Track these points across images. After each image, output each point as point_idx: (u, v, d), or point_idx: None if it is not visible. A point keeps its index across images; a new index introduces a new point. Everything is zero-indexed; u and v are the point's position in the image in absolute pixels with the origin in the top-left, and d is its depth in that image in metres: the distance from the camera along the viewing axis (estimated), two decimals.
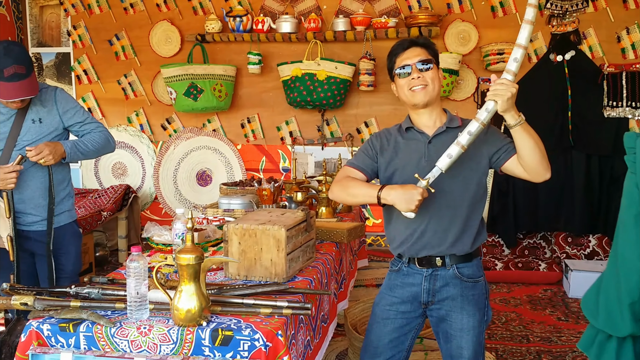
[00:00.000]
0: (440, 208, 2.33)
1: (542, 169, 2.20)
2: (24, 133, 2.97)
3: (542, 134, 5.60)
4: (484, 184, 2.40)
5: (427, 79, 2.32)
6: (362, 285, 4.82)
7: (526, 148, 2.17)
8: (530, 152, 2.17)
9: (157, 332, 1.86)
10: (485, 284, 2.46)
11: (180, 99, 5.62)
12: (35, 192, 3.04)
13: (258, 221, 2.40)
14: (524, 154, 2.19)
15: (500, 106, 2.10)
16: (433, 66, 2.35)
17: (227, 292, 2.13)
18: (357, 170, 2.46)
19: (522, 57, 2.16)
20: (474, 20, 5.54)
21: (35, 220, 3.07)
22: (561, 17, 5.26)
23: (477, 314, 2.38)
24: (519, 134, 2.15)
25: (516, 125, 2.13)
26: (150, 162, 6.23)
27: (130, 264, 1.89)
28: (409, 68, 2.33)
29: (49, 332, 1.92)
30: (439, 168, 2.21)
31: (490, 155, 2.33)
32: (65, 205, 3.18)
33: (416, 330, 2.49)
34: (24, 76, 2.82)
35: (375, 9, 5.67)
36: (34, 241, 3.08)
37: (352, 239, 3.22)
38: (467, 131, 2.17)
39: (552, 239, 5.54)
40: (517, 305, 4.71)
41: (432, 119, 2.39)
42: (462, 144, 2.18)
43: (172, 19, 5.98)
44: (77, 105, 3.13)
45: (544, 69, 5.35)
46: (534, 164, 2.19)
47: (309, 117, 5.91)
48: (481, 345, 2.42)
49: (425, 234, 2.35)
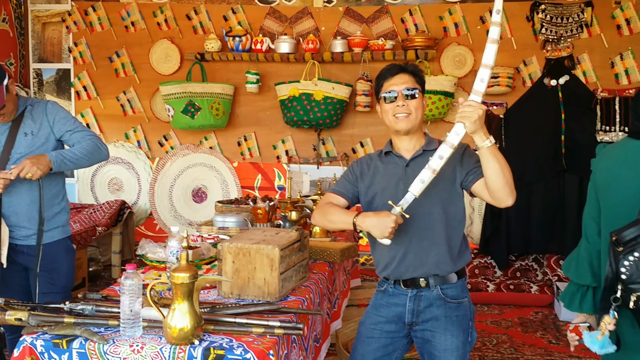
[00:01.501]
0: (420, 230, 2.38)
1: (505, 194, 2.21)
2: (17, 146, 2.98)
3: (535, 157, 5.65)
4: (462, 205, 2.44)
5: (411, 108, 2.39)
6: (354, 305, 4.83)
7: (491, 171, 2.19)
8: (494, 176, 2.19)
9: (149, 350, 1.87)
10: (470, 304, 2.48)
11: (177, 117, 5.67)
12: (29, 205, 3.03)
13: (252, 240, 2.43)
14: (488, 176, 2.21)
15: (469, 128, 2.14)
16: (418, 94, 2.42)
17: (220, 310, 2.16)
18: (338, 195, 2.54)
19: (488, 77, 2.17)
20: (470, 44, 5.61)
21: (29, 234, 3.06)
22: (556, 42, 5.34)
23: (461, 335, 2.40)
24: (485, 156, 2.18)
25: (483, 147, 2.16)
26: (146, 178, 6.26)
27: (125, 282, 1.91)
28: (395, 94, 2.40)
29: (42, 347, 1.93)
30: (412, 193, 2.25)
31: (462, 176, 2.38)
32: (59, 221, 3.16)
33: (400, 351, 2.51)
34: None
35: (373, 32, 5.74)
36: (27, 255, 3.06)
37: (345, 258, 3.25)
38: (437, 155, 2.21)
39: (544, 262, 5.57)
40: (508, 328, 4.73)
41: (412, 143, 2.47)
42: (434, 168, 2.22)
43: (172, 38, 6.05)
44: (67, 115, 3.12)
45: (539, 93, 5.41)
46: (497, 188, 2.21)
47: (305, 136, 5.96)
48: None
49: (406, 256, 2.40)
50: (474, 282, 5.33)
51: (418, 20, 5.68)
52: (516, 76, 5.54)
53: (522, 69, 5.56)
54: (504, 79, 5.42)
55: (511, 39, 5.53)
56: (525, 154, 5.39)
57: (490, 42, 2.16)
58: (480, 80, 2.17)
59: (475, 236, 5.70)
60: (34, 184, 3.01)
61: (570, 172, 5.33)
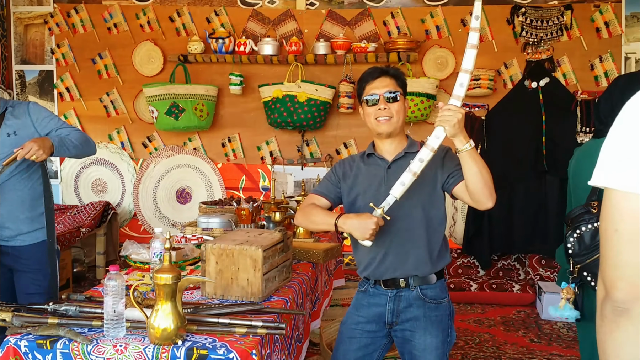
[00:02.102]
0: (400, 232, 2.41)
1: (484, 196, 2.25)
2: (0, 147, 2.98)
3: (517, 158, 5.70)
4: (443, 208, 2.48)
5: (393, 111, 2.43)
6: (338, 305, 4.86)
7: (470, 173, 2.23)
8: (473, 178, 2.23)
9: (133, 350, 1.89)
10: (450, 305, 2.52)
11: (161, 118, 5.67)
12: (13, 205, 3.02)
13: (235, 241, 2.45)
14: (468, 179, 2.25)
15: (448, 132, 2.17)
16: (400, 98, 2.45)
17: (203, 311, 2.18)
18: (321, 196, 2.57)
19: (468, 82, 2.20)
20: (451, 47, 5.67)
21: (12, 234, 3.05)
22: (536, 45, 5.41)
23: (440, 334, 2.44)
24: (465, 159, 2.22)
25: (463, 150, 2.20)
26: (130, 179, 6.26)
27: (108, 282, 1.93)
28: (376, 97, 2.44)
29: (26, 348, 1.94)
30: (393, 196, 2.29)
31: (444, 179, 2.41)
32: (43, 221, 3.15)
33: (381, 351, 2.54)
34: None
35: (356, 34, 5.78)
36: (12, 256, 3.06)
37: (328, 259, 3.28)
38: (418, 158, 2.25)
39: (526, 261, 5.63)
40: (490, 326, 4.78)
41: (394, 145, 2.50)
42: (414, 171, 2.26)
43: (155, 40, 6.05)
44: (50, 114, 3.13)
45: (519, 95, 5.47)
46: (477, 190, 2.25)
47: (289, 137, 5.99)
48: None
49: (387, 257, 2.43)
50: (457, 281, 5.39)
51: (400, 23, 5.73)
52: (497, 78, 5.60)
53: (503, 71, 5.63)
54: (485, 81, 5.48)
55: (492, 42, 5.59)
56: (506, 155, 5.45)
57: (469, 47, 2.19)
58: (460, 84, 2.20)
59: (458, 236, 5.76)
60: (20, 184, 3.01)
61: (551, 173, 5.39)
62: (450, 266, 5.63)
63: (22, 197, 3.04)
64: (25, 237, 3.07)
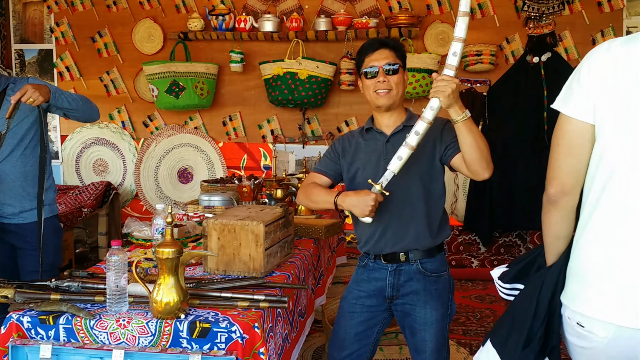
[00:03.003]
0: (399, 206, 2.41)
1: (481, 167, 2.24)
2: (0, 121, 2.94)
3: (518, 133, 5.66)
4: (442, 181, 2.47)
5: (392, 84, 2.41)
6: (340, 282, 4.88)
7: (467, 144, 2.21)
8: (470, 149, 2.21)
9: (135, 325, 1.90)
10: (450, 278, 2.52)
11: (162, 97, 5.65)
12: (15, 181, 3.00)
13: (237, 217, 2.45)
14: (464, 150, 2.24)
15: (443, 102, 2.15)
16: (399, 70, 2.43)
17: (206, 285, 2.19)
18: (321, 174, 2.57)
19: (461, 51, 2.15)
20: (453, 22, 5.57)
21: (14, 211, 3.04)
22: (538, 20, 5.36)
23: (440, 308, 2.44)
24: (461, 130, 2.20)
25: (459, 121, 2.18)
26: (131, 159, 6.25)
27: (111, 258, 1.93)
28: (376, 69, 2.42)
29: (29, 324, 1.95)
30: (391, 171, 2.28)
31: (442, 151, 2.40)
32: (46, 199, 3.11)
33: (382, 325, 2.55)
34: None
35: (357, 10, 5.74)
36: (15, 234, 3.06)
37: (330, 235, 3.28)
38: (414, 131, 2.23)
39: (527, 237, 5.64)
40: (492, 302, 4.80)
41: (392, 119, 2.49)
42: (411, 144, 2.24)
43: (154, 17, 6.00)
44: (51, 86, 3.06)
45: (521, 70, 5.43)
46: (473, 160, 2.23)
47: (290, 115, 5.96)
48: (445, 339, 2.49)
49: (386, 231, 2.43)
50: (458, 258, 5.40)
51: None
52: (499, 53, 5.56)
53: (505, 47, 5.59)
54: (486, 56, 5.44)
55: (494, 17, 5.55)
56: (508, 131, 5.43)
57: (461, 14, 2.14)
58: (453, 54, 2.16)
59: (460, 213, 5.76)
60: (21, 160, 2.98)
61: None
62: (451, 243, 5.63)
63: (24, 173, 3.02)
64: (28, 214, 3.06)
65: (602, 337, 1.55)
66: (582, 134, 1.61)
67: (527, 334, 1.72)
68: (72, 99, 3.03)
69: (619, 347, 1.54)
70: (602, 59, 1.58)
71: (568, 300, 1.67)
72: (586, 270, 1.62)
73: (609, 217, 1.58)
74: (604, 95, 1.55)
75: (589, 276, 1.60)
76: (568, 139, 1.64)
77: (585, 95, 1.59)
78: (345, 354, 2.53)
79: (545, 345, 1.71)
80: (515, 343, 1.74)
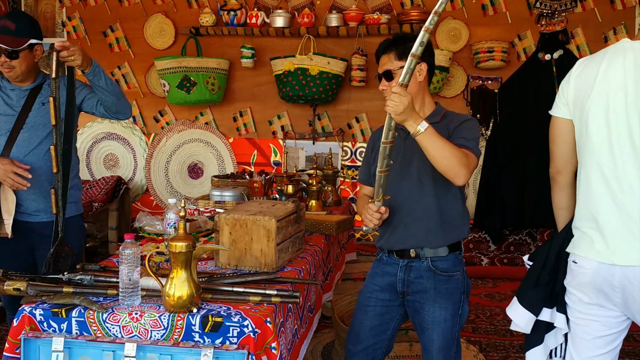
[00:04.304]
0: (411, 202, 2.41)
1: (450, 176, 2.23)
2: (32, 114, 2.90)
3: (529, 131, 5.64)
4: None
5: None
6: (350, 279, 4.88)
7: (430, 156, 2.21)
8: (434, 160, 2.21)
9: (148, 318, 1.90)
10: (464, 279, 2.49)
11: (173, 92, 5.66)
12: (41, 175, 2.84)
13: (249, 212, 2.45)
14: (432, 162, 2.23)
15: (396, 119, 2.14)
16: (395, 74, 2.41)
17: (218, 280, 2.19)
18: (364, 184, 2.68)
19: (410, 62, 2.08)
20: (465, 18, 5.60)
21: (39, 208, 2.89)
22: (550, 17, 5.33)
23: (450, 307, 2.42)
24: (421, 144, 2.19)
25: (416, 135, 2.17)
26: (142, 154, 6.26)
27: (124, 251, 1.94)
28: (379, 77, 2.46)
29: (41, 317, 1.95)
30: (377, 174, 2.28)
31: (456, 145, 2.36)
32: (72, 196, 2.92)
33: (397, 321, 2.55)
34: (11, 32, 2.80)
35: (368, 5, 5.72)
36: (36, 234, 2.89)
37: (340, 231, 3.28)
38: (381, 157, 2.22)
39: (538, 236, 5.61)
40: (501, 300, 4.79)
41: None
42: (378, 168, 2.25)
43: (166, 12, 6.01)
44: (83, 83, 3.03)
45: (533, 67, 5.41)
46: (442, 171, 2.23)
47: (301, 111, 5.96)
48: (454, 338, 2.46)
49: (397, 228, 2.45)
50: (468, 256, 5.38)
51: None
52: (511, 50, 5.54)
53: (517, 44, 5.56)
54: (498, 53, 5.41)
55: (506, 13, 5.52)
56: (519, 128, 5.41)
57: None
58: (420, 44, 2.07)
59: (470, 211, 5.73)
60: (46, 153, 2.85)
61: None
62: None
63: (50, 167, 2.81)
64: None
65: (587, 269, 2.04)
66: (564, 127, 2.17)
67: (536, 278, 2.21)
68: (111, 82, 2.90)
69: (599, 277, 2.01)
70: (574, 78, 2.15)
71: (570, 248, 2.14)
72: (579, 225, 2.10)
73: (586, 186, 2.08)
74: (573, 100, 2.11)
75: (580, 228, 2.09)
76: (555, 132, 2.21)
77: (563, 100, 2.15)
78: (361, 347, 2.55)
79: (552, 291, 2.20)
80: (527, 286, 2.25)
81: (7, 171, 2.73)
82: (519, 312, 2.26)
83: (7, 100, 2.94)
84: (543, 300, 2.22)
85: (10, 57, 2.85)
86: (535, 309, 2.22)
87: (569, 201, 2.21)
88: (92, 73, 2.82)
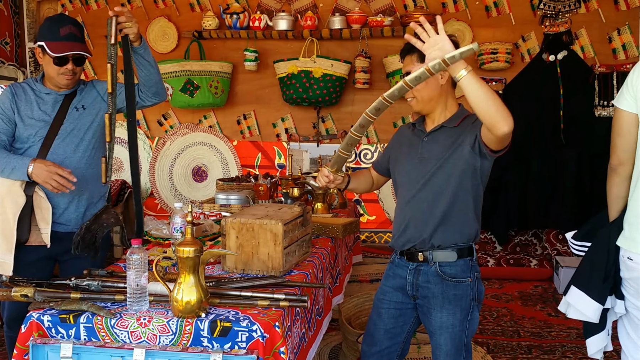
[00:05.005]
0: (421, 200, 2.43)
1: (497, 120, 2.10)
2: (67, 122, 2.87)
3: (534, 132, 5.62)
4: (468, 177, 2.39)
5: (414, 91, 2.39)
6: (356, 281, 4.87)
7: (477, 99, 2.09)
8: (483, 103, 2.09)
9: (156, 323, 1.90)
10: (475, 285, 2.45)
11: (176, 95, 5.66)
12: (80, 180, 2.76)
13: (255, 215, 2.45)
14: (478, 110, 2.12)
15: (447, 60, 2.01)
16: None
17: (225, 284, 2.18)
18: (374, 169, 2.82)
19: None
20: (469, 20, 5.59)
21: (70, 217, 2.86)
22: (554, 18, 5.32)
23: (458, 313, 2.40)
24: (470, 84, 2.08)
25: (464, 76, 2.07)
26: (146, 157, 6.26)
27: (131, 257, 1.93)
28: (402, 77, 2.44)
29: (49, 323, 1.95)
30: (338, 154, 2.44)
31: (472, 141, 2.32)
32: (100, 205, 2.96)
33: (412, 324, 2.56)
34: (78, 38, 2.80)
35: (371, 8, 5.72)
36: (63, 244, 2.79)
37: (347, 234, 3.27)
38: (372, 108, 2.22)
39: (543, 236, 5.60)
40: (508, 301, 4.78)
41: (433, 117, 2.49)
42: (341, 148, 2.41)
43: (169, 16, 6.01)
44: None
45: (537, 68, 5.40)
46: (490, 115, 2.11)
47: (305, 114, 5.95)
48: (462, 344, 2.44)
49: (408, 226, 2.46)
50: None
51: None
52: (515, 52, 5.52)
53: (521, 45, 5.55)
54: (502, 54, 5.40)
55: (510, 15, 5.51)
56: (523, 129, 5.38)
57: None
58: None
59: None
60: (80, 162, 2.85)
61: (569, 147, 5.33)
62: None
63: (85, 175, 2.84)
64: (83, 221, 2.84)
65: None
66: (629, 120, 2.28)
67: (604, 272, 2.34)
68: (155, 63, 2.93)
69: None
70: None
71: (622, 242, 2.30)
72: (635, 219, 2.23)
73: None
74: None
75: (637, 223, 2.22)
76: (619, 124, 2.31)
77: (631, 93, 2.24)
78: (375, 349, 2.57)
79: (615, 282, 2.36)
80: (597, 280, 2.37)
81: (51, 172, 2.66)
82: (587, 303, 2.40)
83: (42, 105, 2.90)
84: (609, 290, 2.39)
85: (77, 63, 2.86)
86: (603, 300, 2.38)
87: (626, 190, 2.36)
88: (143, 47, 2.84)
